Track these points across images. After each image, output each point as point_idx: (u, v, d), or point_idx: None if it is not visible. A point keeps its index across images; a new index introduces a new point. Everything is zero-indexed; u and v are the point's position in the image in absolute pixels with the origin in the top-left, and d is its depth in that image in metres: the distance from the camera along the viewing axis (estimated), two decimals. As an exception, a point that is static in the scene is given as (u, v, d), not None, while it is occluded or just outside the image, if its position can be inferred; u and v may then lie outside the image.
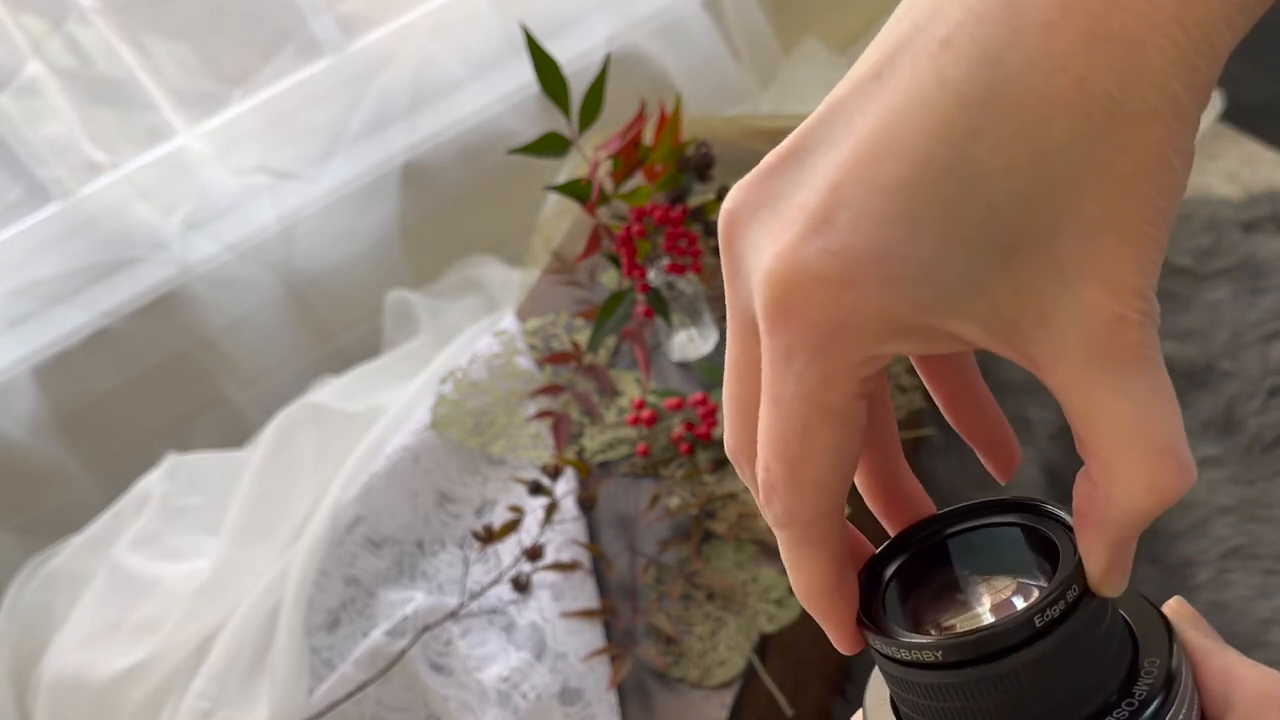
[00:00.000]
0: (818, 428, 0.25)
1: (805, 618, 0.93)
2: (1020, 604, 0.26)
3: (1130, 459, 0.23)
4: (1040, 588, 0.26)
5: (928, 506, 0.31)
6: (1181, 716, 0.25)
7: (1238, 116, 1.61)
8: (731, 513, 0.98)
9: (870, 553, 0.30)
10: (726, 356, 0.28)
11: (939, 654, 0.25)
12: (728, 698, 0.90)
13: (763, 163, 0.27)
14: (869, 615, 0.28)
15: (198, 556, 1.30)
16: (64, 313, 1.48)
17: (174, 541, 1.33)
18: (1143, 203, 0.23)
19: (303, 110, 1.56)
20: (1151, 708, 0.25)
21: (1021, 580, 0.27)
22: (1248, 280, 1.32)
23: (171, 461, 1.40)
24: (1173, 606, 0.28)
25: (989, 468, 0.32)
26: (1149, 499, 0.23)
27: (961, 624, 0.27)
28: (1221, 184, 1.54)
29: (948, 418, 0.32)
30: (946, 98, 0.23)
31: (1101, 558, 0.25)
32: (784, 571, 0.97)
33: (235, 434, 1.53)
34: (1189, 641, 0.27)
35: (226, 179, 1.53)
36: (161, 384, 1.57)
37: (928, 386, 0.31)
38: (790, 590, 0.93)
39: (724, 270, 0.27)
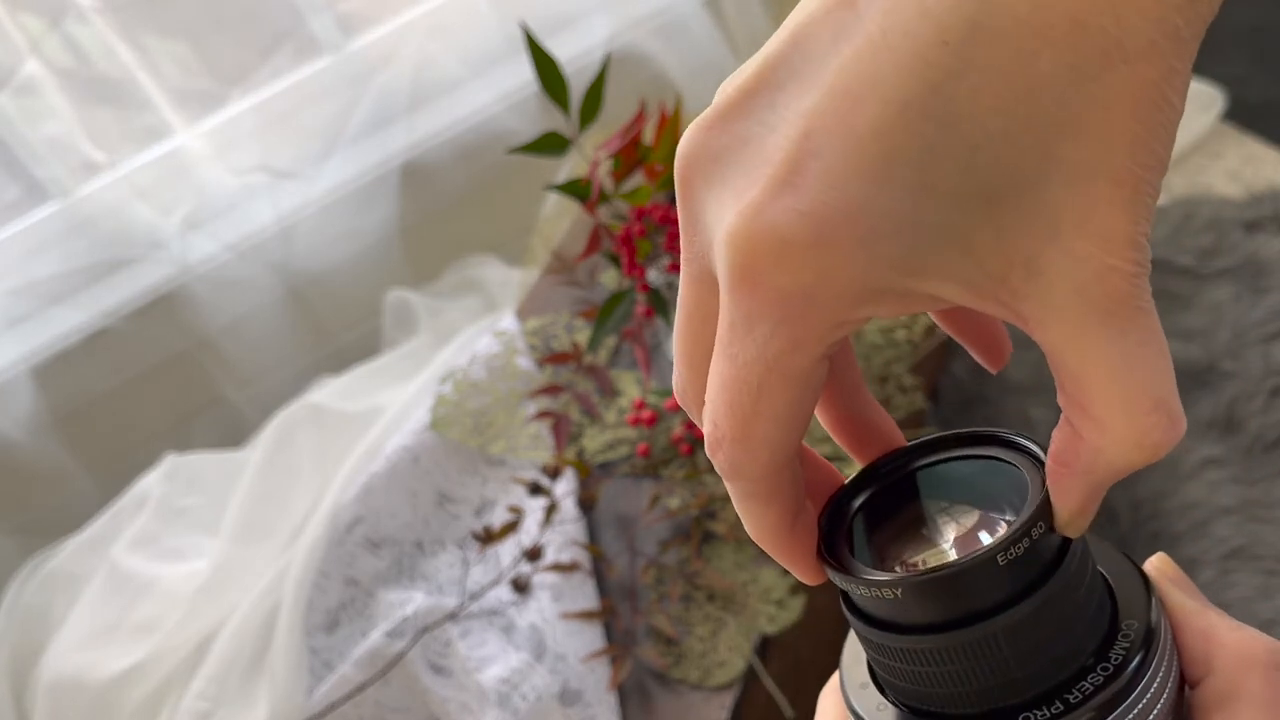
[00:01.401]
0: (774, 390, 0.24)
1: (806, 619, 0.93)
2: (986, 539, 0.25)
3: (1121, 414, 0.22)
4: (1007, 522, 0.25)
5: (896, 438, 0.30)
6: (1159, 679, 0.25)
7: (1240, 116, 1.60)
8: (731, 513, 0.98)
9: (839, 483, 0.29)
10: (679, 300, 0.26)
11: (898, 591, 0.24)
12: (728, 699, 0.89)
13: (723, 99, 0.24)
14: (832, 552, 0.27)
15: (197, 557, 1.30)
16: (62, 313, 1.48)
17: (173, 542, 1.33)
18: (1138, 147, 0.21)
19: (302, 110, 1.56)
20: (1128, 671, 0.25)
21: (988, 514, 0.26)
22: (1249, 280, 1.32)
23: (170, 462, 1.40)
24: (1155, 564, 0.28)
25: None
26: (1139, 454, 0.23)
27: (926, 560, 0.26)
28: (1223, 183, 1.54)
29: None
30: (927, 31, 0.21)
31: (1075, 503, 0.24)
32: (785, 573, 0.97)
33: (234, 434, 1.53)
34: (1170, 601, 0.27)
35: (225, 179, 1.53)
36: (160, 384, 1.57)
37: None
38: (791, 591, 0.93)
39: (680, 217, 0.25)
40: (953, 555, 0.26)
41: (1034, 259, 0.22)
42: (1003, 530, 0.25)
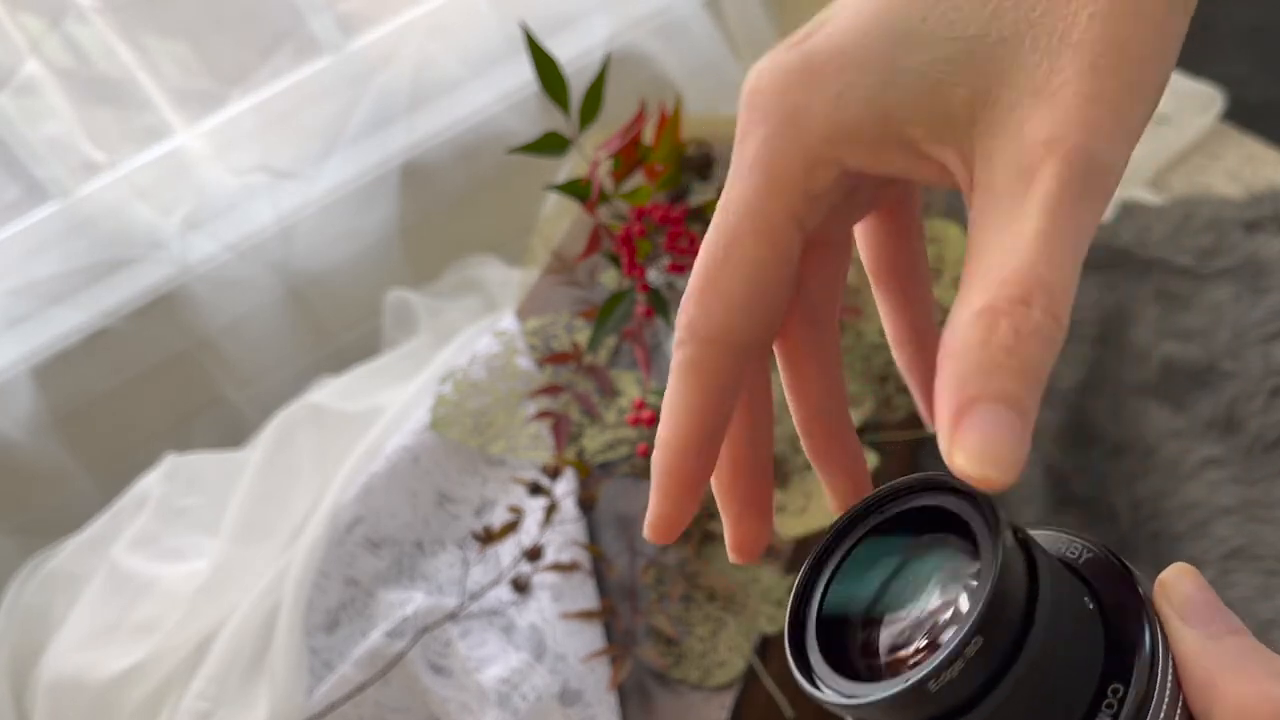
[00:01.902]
0: (745, 239, 0.24)
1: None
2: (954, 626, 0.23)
3: (973, 286, 0.21)
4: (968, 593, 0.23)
5: (860, 468, 0.29)
6: None
7: (1239, 116, 1.60)
8: (732, 513, 0.98)
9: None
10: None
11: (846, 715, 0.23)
12: (728, 699, 0.89)
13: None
14: (800, 656, 0.25)
15: (197, 557, 1.30)
16: (62, 313, 1.48)
17: (173, 542, 1.33)
18: (1111, 34, 0.22)
19: (302, 110, 1.56)
20: None
21: (953, 585, 0.24)
22: (1249, 280, 1.32)
23: (170, 462, 1.40)
24: (1162, 586, 0.24)
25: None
26: (974, 324, 0.21)
27: (897, 656, 0.24)
28: (1223, 183, 1.54)
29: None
30: None
31: (945, 412, 0.21)
32: (785, 573, 0.97)
33: (234, 434, 1.53)
34: (1173, 638, 0.24)
35: (225, 179, 1.53)
36: (160, 384, 1.57)
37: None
38: (790, 591, 0.93)
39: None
40: (918, 646, 0.24)
41: (995, 121, 0.22)
42: (949, 634, 0.23)
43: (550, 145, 0.93)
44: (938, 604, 0.23)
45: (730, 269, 0.25)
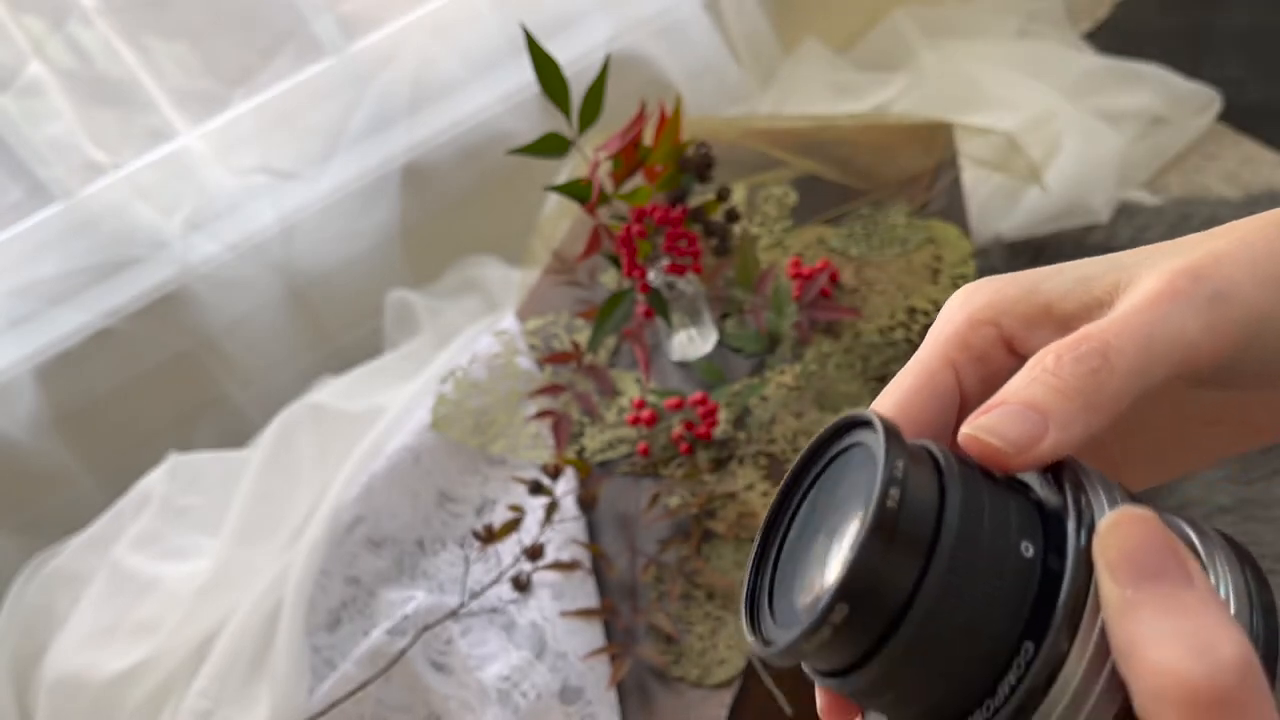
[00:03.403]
0: (908, 369, 0.29)
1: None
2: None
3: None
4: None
5: None
6: (1063, 709, 0.21)
7: (1237, 117, 1.61)
8: (731, 512, 0.99)
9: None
10: None
11: (760, 658, 0.24)
12: (727, 697, 0.90)
13: None
14: (753, 610, 0.26)
15: (198, 556, 1.31)
16: (65, 313, 1.48)
17: (175, 541, 1.34)
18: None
19: (303, 111, 1.56)
20: (1008, 710, 0.21)
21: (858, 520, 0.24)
22: (1246, 280, 1.32)
23: (172, 461, 1.40)
24: (1101, 530, 0.22)
25: None
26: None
27: (818, 594, 0.24)
28: (1220, 184, 1.55)
29: None
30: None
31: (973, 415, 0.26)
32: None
33: (236, 434, 1.53)
34: (1101, 593, 0.22)
35: (227, 179, 1.53)
36: (162, 384, 1.58)
37: None
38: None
39: None
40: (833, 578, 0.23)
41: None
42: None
43: (550, 146, 0.93)
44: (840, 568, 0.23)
45: (894, 386, 0.29)
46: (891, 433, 0.23)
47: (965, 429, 0.25)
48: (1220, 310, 0.25)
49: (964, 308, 0.29)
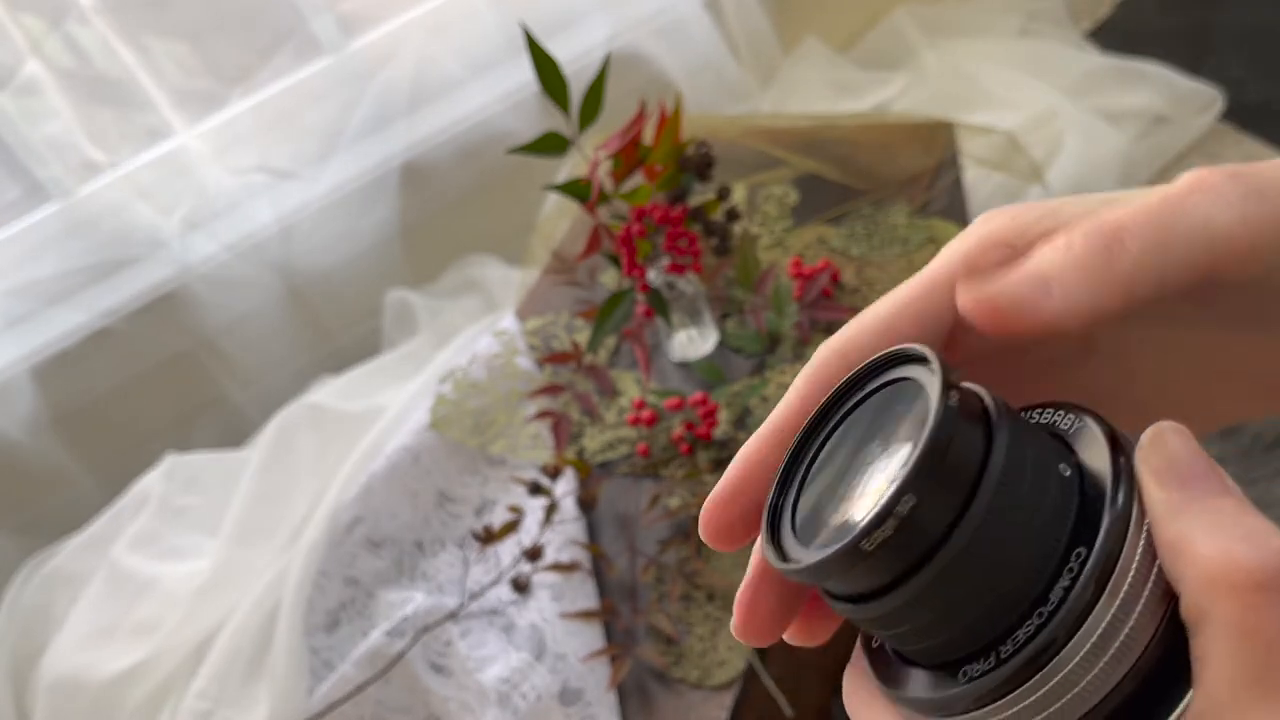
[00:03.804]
0: (913, 278, 0.27)
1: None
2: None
3: None
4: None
5: None
6: (1114, 613, 0.22)
7: (1238, 116, 1.61)
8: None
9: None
10: None
11: (795, 576, 0.24)
12: (728, 698, 0.89)
13: None
14: (774, 530, 0.26)
15: (197, 557, 1.30)
16: (63, 313, 1.48)
17: (173, 542, 1.33)
18: None
19: (302, 110, 1.56)
20: (1061, 614, 0.22)
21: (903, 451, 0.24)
22: (1248, 280, 1.32)
23: (171, 461, 1.40)
24: (1141, 448, 0.23)
25: None
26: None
27: (849, 521, 0.24)
28: (1222, 184, 1.55)
29: None
30: None
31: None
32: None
33: (235, 434, 1.53)
34: (1147, 500, 0.23)
35: (226, 179, 1.53)
36: (161, 384, 1.57)
37: None
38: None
39: None
40: (867, 509, 0.23)
41: None
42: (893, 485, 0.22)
43: (550, 145, 0.93)
44: (893, 471, 0.23)
45: (889, 298, 0.28)
46: (944, 363, 0.23)
47: (966, 289, 0.24)
48: (1256, 206, 0.24)
49: (979, 228, 0.27)
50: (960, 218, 1.18)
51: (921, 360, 0.24)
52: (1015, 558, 0.22)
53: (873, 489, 0.24)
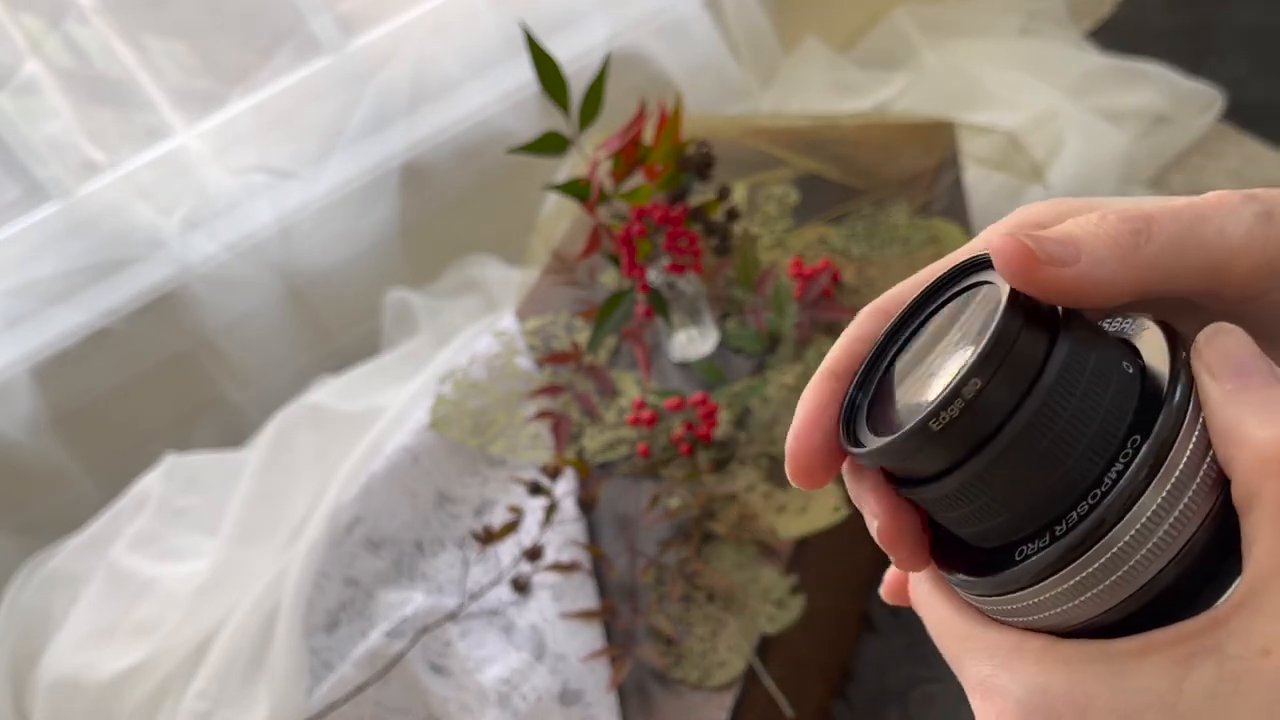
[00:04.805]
0: (951, 255, 0.28)
1: (806, 619, 0.93)
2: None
3: None
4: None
5: None
6: (1165, 497, 0.23)
7: (1239, 116, 1.60)
8: (731, 513, 0.98)
9: None
10: None
11: (868, 459, 0.25)
12: (728, 699, 0.89)
13: None
14: (850, 421, 0.27)
15: (196, 557, 1.30)
16: (62, 313, 1.48)
17: (173, 542, 1.33)
18: None
19: (302, 110, 1.56)
20: (1114, 495, 0.23)
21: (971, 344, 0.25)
22: (1249, 280, 1.32)
23: (170, 462, 1.40)
24: (1199, 339, 0.25)
25: None
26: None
27: (924, 403, 0.25)
28: (1223, 183, 1.54)
29: None
30: None
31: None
32: (784, 572, 0.97)
33: (234, 434, 1.53)
34: (1202, 391, 0.24)
35: (225, 178, 1.53)
36: (160, 384, 1.57)
37: None
38: (791, 590, 0.93)
39: None
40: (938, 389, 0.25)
41: None
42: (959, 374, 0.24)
43: (550, 145, 0.93)
44: (963, 360, 0.25)
45: (926, 271, 0.29)
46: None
47: (1002, 232, 0.25)
48: (1265, 227, 0.25)
49: (1018, 214, 0.28)
50: (961, 218, 1.18)
51: (991, 266, 0.26)
52: (1072, 444, 0.24)
53: (943, 376, 0.25)
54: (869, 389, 0.27)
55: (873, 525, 0.27)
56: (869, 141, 1.29)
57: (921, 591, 0.27)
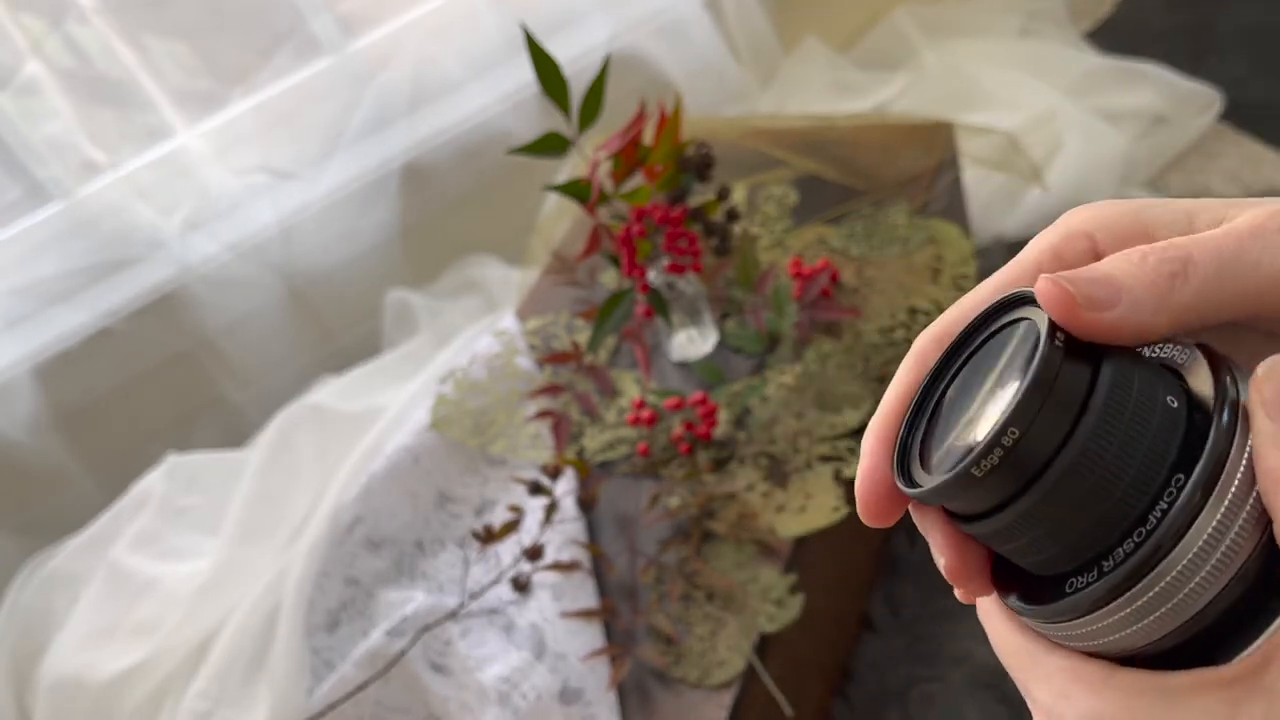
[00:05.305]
0: (996, 277, 0.29)
1: (806, 618, 0.93)
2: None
3: None
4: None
5: None
6: (1208, 536, 0.23)
7: (1238, 116, 1.61)
8: (731, 513, 0.98)
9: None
10: None
11: (920, 497, 0.26)
12: (727, 698, 0.89)
13: None
14: (903, 456, 0.28)
15: (197, 557, 1.30)
16: (64, 313, 1.48)
17: (173, 542, 1.33)
18: None
19: (302, 110, 1.56)
20: (1159, 533, 0.23)
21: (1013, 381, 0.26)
22: (1248, 280, 1.32)
23: (171, 462, 1.40)
24: (1259, 374, 0.24)
25: None
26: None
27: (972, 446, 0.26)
28: (1222, 184, 1.54)
29: None
30: None
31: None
32: (784, 572, 0.97)
33: (235, 434, 1.53)
34: (1254, 428, 0.24)
35: (226, 179, 1.53)
36: (161, 384, 1.57)
37: None
38: (791, 590, 0.93)
39: None
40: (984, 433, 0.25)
41: None
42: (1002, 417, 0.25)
43: (550, 146, 0.93)
44: (1005, 402, 0.25)
45: (985, 284, 0.29)
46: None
47: (1045, 277, 0.25)
48: None
49: (1066, 221, 0.29)
50: (960, 218, 1.18)
51: (1035, 301, 0.26)
52: (1115, 482, 0.24)
53: (989, 417, 0.26)
54: (918, 427, 0.28)
55: (940, 561, 0.28)
56: (868, 142, 1.29)
57: (985, 604, 0.28)
